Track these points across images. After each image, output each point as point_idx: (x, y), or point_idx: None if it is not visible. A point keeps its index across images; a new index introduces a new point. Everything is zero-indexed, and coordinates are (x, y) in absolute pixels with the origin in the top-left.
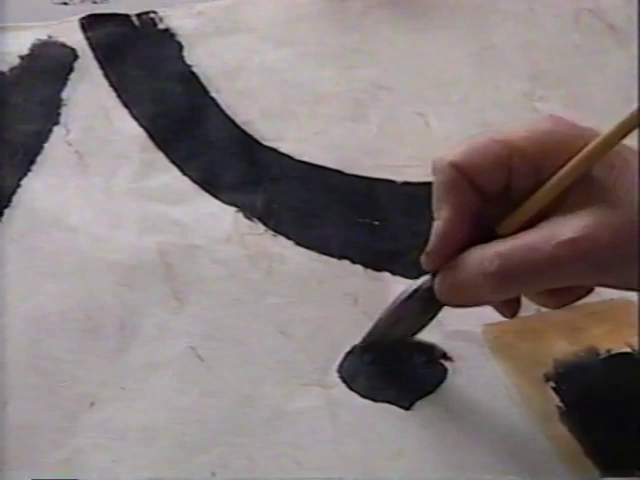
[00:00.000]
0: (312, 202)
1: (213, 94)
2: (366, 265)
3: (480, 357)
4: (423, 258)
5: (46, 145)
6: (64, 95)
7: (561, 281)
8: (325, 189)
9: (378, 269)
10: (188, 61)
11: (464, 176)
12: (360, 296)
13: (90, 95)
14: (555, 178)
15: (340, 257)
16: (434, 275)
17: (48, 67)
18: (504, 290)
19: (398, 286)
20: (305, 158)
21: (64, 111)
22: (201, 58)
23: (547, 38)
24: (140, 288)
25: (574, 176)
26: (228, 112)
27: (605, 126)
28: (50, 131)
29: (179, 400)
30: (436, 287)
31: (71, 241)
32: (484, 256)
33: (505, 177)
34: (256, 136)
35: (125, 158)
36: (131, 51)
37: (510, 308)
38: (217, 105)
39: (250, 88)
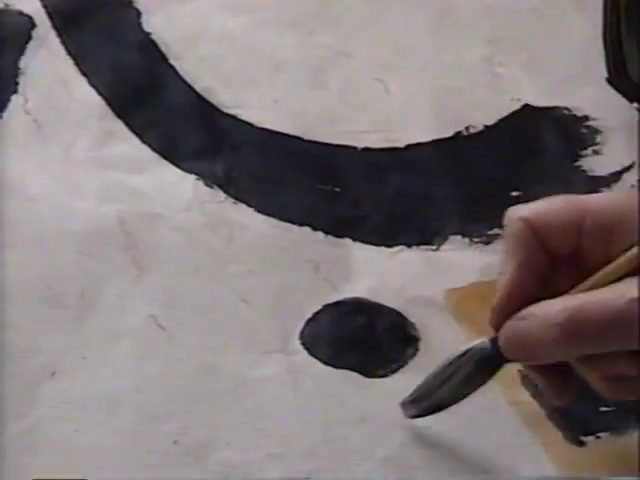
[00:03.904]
0: (272, 169)
1: (172, 61)
2: (327, 232)
3: (442, 322)
4: (490, 315)
5: (4, 114)
6: (22, 64)
7: (630, 341)
8: (285, 156)
9: (339, 235)
10: (147, 28)
11: (534, 233)
12: (321, 263)
13: (48, 64)
14: (633, 250)
15: (301, 224)
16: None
17: (5, 36)
18: (571, 344)
19: (359, 252)
20: (265, 125)
21: (22, 80)
22: (160, 25)
23: (507, 2)
24: (100, 257)
25: None
26: (187, 79)
27: (564, 91)
28: (8, 100)
29: (140, 369)
30: (501, 338)
31: (30, 210)
32: (554, 307)
33: (576, 240)
34: (216, 103)
35: (84, 127)
36: (89, 19)
37: (564, 392)
38: (176, 72)
39: (209, 55)
